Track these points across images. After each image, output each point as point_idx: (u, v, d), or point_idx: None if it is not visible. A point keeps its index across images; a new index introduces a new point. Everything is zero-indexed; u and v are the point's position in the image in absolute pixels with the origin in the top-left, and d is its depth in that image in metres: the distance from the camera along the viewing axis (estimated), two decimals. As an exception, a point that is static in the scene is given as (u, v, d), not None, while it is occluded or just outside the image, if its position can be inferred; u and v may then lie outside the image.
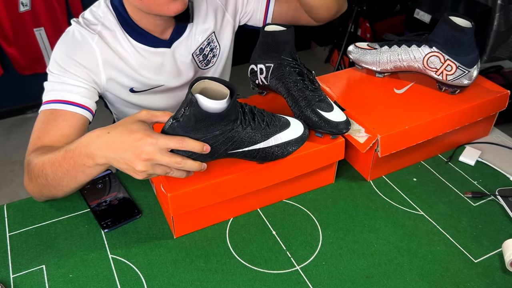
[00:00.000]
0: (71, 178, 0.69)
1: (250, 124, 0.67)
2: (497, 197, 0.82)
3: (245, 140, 0.67)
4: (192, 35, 0.95)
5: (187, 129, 0.62)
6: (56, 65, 0.83)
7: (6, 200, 1.86)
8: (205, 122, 0.62)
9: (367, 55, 0.95)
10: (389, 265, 0.71)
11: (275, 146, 0.71)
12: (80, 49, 0.84)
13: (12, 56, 2.13)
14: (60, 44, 0.86)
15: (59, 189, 0.72)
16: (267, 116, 0.71)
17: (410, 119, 0.83)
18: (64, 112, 0.80)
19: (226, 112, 0.61)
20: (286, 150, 0.72)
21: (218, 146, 0.65)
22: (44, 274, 0.69)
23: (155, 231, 0.76)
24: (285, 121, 0.74)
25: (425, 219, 0.79)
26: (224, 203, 0.75)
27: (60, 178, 0.70)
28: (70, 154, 0.67)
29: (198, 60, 0.98)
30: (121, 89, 0.92)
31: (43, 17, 2.10)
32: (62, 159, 0.68)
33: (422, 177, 0.87)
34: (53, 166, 0.70)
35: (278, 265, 0.71)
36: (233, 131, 0.65)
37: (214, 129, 0.63)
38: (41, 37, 2.14)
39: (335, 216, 0.79)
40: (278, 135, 0.71)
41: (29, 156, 0.76)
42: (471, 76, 0.87)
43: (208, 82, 0.64)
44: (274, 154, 0.72)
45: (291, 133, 0.73)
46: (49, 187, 0.72)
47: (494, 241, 0.74)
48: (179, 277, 0.69)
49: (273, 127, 0.71)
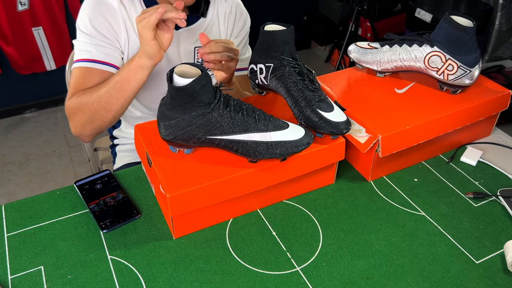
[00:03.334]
0: (118, 90, 0.85)
1: (230, 113, 0.70)
2: (498, 198, 0.82)
3: (224, 128, 0.70)
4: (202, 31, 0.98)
5: (168, 106, 0.70)
6: (86, 24, 0.91)
7: (4, 200, 1.86)
8: (179, 100, 0.68)
9: (367, 55, 0.95)
10: (390, 266, 0.70)
11: (260, 143, 0.70)
12: (106, 8, 0.92)
13: (10, 55, 2.13)
14: (87, 4, 0.93)
15: (108, 109, 0.86)
16: (258, 113, 0.72)
17: (411, 119, 0.82)
18: (96, 69, 0.91)
19: (190, 88, 0.66)
20: (273, 151, 0.71)
21: (195, 129, 0.70)
22: (43, 275, 0.69)
23: (154, 231, 0.76)
24: (282, 124, 0.73)
25: (426, 219, 0.78)
26: (224, 203, 0.74)
27: (110, 94, 0.85)
28: (119, 77, 0.84)
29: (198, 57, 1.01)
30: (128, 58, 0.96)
31: (42, 17, 2.10)
32: (114, 82, 0.85)
33: (423, 178, 0.87)
34: (106, 85, 0.85)
35: (278, 266, 0.70)
36: (209, 115, 0.69)
37: (190, 110, 0.69)
38: (39, 36, 2.14)
39: (336, 216, 0.79)
40: (267, 133, 0.71)
41: (72, 99, 0.89)
42: (473, 76, 0.87)
43: (189, 67, 0.70)
44: (258, 151, 0.71)
45: (284, 135, 0.72)
46: (101, 110, 0.86)
47: (495, 242, 0.74)
48: (179, 278, 0.68)
49: (263, 124, 0.71)
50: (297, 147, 0.72)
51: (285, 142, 0.71)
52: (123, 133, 1.13)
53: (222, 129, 0.70)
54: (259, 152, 0.71)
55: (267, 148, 0.71)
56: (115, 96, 0.86)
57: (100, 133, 0.94)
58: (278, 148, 0.71)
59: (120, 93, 0.85)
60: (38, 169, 2.05)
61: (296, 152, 0.72)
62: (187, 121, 0.70)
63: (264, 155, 0.71)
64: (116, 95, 0.86)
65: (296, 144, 0.72)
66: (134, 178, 0.86)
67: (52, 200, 0.81)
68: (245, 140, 0.70)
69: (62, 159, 2.10)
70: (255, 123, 0.71)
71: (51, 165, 2.07)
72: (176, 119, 0.70)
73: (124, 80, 0.85)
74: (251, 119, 0.71)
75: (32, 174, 2.03)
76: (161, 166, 0.72)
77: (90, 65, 0.90)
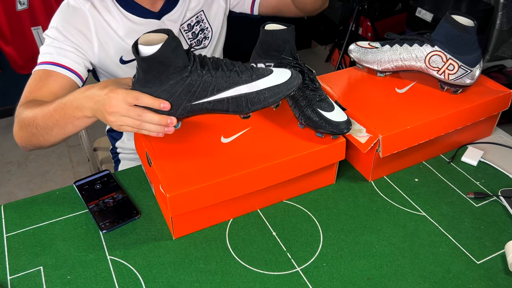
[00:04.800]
0: (60, 128, 0.75)
1: (210, 72, 0.66)
2: (499, 198, 0.82)
3: (207, 89, 0.66)
4: (183, 11, 0.97)
5: (141, 83, 0.65)
6: (53, 30, 0.88)
7: (3, 200, 1.86)
8: (152, 72, 0.63)
9: (368, 54, 0.95)
10: (391, 267, 0.70)
11: (250, 94, 0.67)
12: (75, 15, 0.89)
13: (9, 55, 2.12)
14: (58, 13, 0.91)
15: (47, 139, 0.78)
16: (238, 66, 0.69)
17: (412, 119, 0.82)
18: (55, 73, 0.86)
19: (161, 54, 0.61)
20: (265, 99, 0.68)
21: (178, 98, 0.65)
22: (42, 275, 0.68)
23: (154, 232, 0.75)
24: (266, 70, 0.70)
25: (427, 220, 0.78)
26: (223, 203, 0.74)
27: (50, 128, 0.76)
28: (61, 106, 0.73)
29: (187, 37, 1.00)
30: (111, 61, 0.94)
31: (41, 16, 2.09)
32: (54, 110, 0.74)
33: (424, 178, 0.87)
34: (44, 117, 0.75)
35: (278, 267, 0.70)
36: (189, 79, 0.65)
37: (166, 79, 0.64)
38: (38, 36, 2.13)
39: (336, 217, 0.78)
40: (254, 83, 0.67)
41: (20, 108, 0.82)
42: (474, 76, 0.87)
43: (153, 35, 0.65)
44: (250, 103, 0.68)
45: (271, 81, 0.69)
46: (38, 136, 0.78)
47: (496, 242, 0.74)
48: (178, 278, 0.68)
49: (247, 75, 0.68)
50: (288, 89, 0.69)
51: (275, 87, 0.68)
52: (125, 144, 1.13)
53: (206, 91, 0.66)
54: (252, 103, 0.68)
55: (258, 98, 0.68)
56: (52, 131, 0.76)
57: None
58: (269, 94, 0.68)
59: (58, 130, 0.76)
60: (37, 169, 2.05)
61: (288, 95, 0.69)
62: (167, 92, 0.65)
63: (257, 106, 0.68)
64: (53, 131, 0.76)
65: (286, 86, 0.69)
66: (134, 178, 0.85)
67: (52, 200, 0.80)
68: (233, 96, 0.67)
69: (62, 159, 2.10)
70: (238, 75, 0.67)
71: (50, 165, 2.07)
72: (155, 93, 0.65)
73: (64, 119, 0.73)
74: (233, 73, 0.67)
75: (31, 174, 2.02)
76: (160, 166, 0.72)
77: (49, 68, 0.85)
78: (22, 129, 0.80)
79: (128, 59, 0.96)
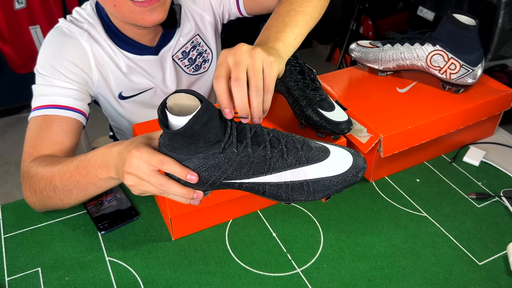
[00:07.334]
0: (80, 189, 0.67)
1: (247, 150, 0.54)
2: (502, 198, 0.81)
3: (242, 170, 0.54)
4: (176, 39, 0.91)
5: (169, 148, 0.54)
6: (46, 65, 0.79)
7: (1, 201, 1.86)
8: (179, 142, 0.52)
9: (369, 54, 0.94)
10: (392, 268, 0.69)
11: (293, 184, 0.54)
12: (70, 46, 0.81)
13: (7, 54, 2.12)
14: (48, 42, 0.82)
15: (65, 202, 0.70)
16: (286, 141, 0.56)
17: (413, 118, 0.82)
18: (57, 117, 0.76)
19: (189, 129, 0.50)
20: (311, 193, 0.55)
21: (207, 173, 0.54)
22: (40, 277, 0.68)
23: (153, 233, 0.75)
24: (321, 150, 0.56)
25: (428, 220, 0.77)
26: (223, 204, 0.73)
27: (69, 190, 0.67)
28: (84, 163, 0.65)
29: (183, 65, 0.94)
30: (110, 95, 0.89)
31: (39, 15, 2.09)
32: (75, 169, 0.66)
33: (425, 178, 0.86)
34: (63, 177, 0.67)
35: (278, 268, 0.69)
36: (221, 156, 0.53)
37: (195, 151, 0.53)
38: (36, 35, 2.13)
39: (337, 217, 0.78)
40: (300, 169, 0.54)
41: (28, 167, 0.73)
42: (475, 75, 0.86)
43: (184, 96, 0.53)
44: (291, 195, 0.55)
45: (323, 170, 0.55)
46: (55, 199, 0.70)
47: (498, 243, 0.73)
48: (178, 280, 0.68)
49: (294, 157, 0.55)
50: (345, 186, 0.55)
51: (325, 179, 0.54)
52: None
53: (240, 172, 0.54)
54: (293, 197, 0.55)
55: (302, 190, 0.55)
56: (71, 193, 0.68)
57: None
58: (318, 188, 0.54)
59: (78, 191, 0.67)
60: (37, 168, 2.05)
61: (342, 190, 0.55)
62: (195, 164, 0.54)
63: (300, 199, 0.55)
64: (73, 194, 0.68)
65: (341, 180, 0.54)
66: (133, 178, 0.85)
67: (50, 201, 0.80)
68: (272, 183, 0.55)
69: (61, 159, 2.10)
70: (283, 157, 0.54)
71: (50, 165, 2.07)
72: (183, 161, 0.55)
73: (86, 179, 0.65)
74: (276, 152, 0.54)
75: (30, 173, 2.02)
76: (159, 166, 0.71)
77: (48, 112, 0.75)
78: (36, 194, 0.71)
79: (127, 95, 0.90)
